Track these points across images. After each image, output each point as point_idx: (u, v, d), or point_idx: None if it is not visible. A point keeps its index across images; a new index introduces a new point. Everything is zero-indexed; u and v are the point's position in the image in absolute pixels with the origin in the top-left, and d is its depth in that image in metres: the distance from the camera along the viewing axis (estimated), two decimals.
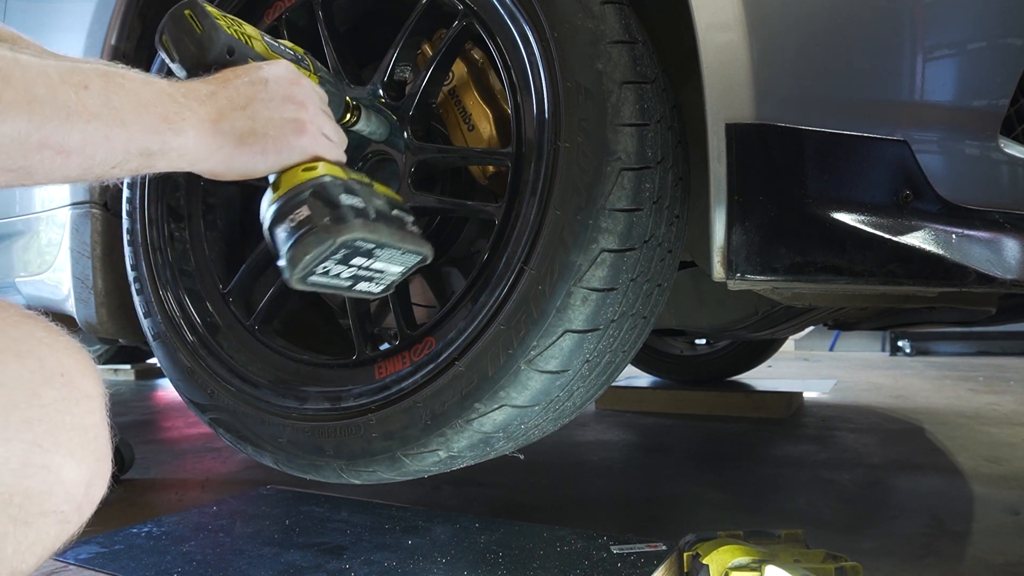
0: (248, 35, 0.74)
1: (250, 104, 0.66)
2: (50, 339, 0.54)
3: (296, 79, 0.70)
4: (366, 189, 0.71)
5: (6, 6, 1.52)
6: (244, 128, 0.65)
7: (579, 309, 0.82)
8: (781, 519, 1.42)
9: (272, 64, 0.70)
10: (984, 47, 0.86)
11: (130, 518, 1.28)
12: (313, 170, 0.67)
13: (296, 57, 0.80)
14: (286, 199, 0.66)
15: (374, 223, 0.68)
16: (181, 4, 0.71)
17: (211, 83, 0.66)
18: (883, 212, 0.83)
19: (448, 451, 0.90)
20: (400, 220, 0.73)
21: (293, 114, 0.68)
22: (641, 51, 0.87)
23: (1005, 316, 1.63)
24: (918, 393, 3.32)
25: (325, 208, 0.65)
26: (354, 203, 0.67)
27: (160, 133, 0.59)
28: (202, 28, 0.69)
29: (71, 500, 0.53)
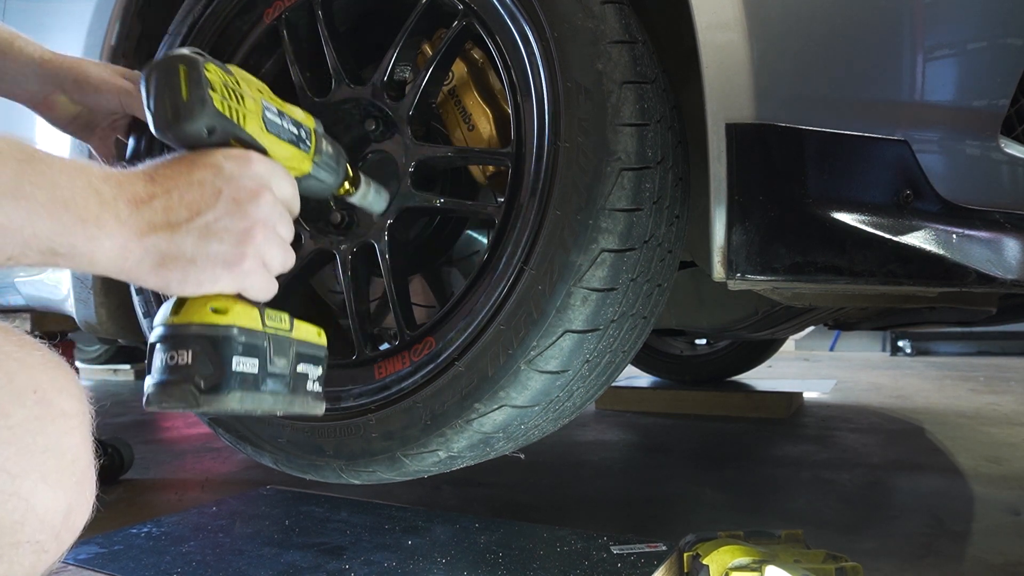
0: (245, 111, 0.64)
1: (189, 221, 0.57)
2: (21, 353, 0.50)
3: (256, 193, 0.61)
4: (276, 342, 0.64)
5: (5, 6, 1.52)
6: (170, 251, 0.57)
7: (579, 309, 0.82)
8: (781, 519, 1.42)
9: (239, 162, 0.61)
10: (984, 47, 0.86)
11: (129, 518, 1.28)
12: (222, 314, 0.60)
13: (297, 137, 0.70)
14: (176, 331, 0.60)
15: (255, 395, 0.62)
16: (181, 55, 0.61)
17: (155, 181, 0.58)
18: (883, 212, 0.83)
19: (448, 451, 0.90)
20: (300, 379, 0.68)
21: (235, 239, 0.59)
22: (641, 51, 0.86)
23: (1005, 316, 1.63)
24: (918, 393, 3.32)
25: (208, 365, 0.59)
26: (244, 369, 0.61)
27: (71, 235, 0.52)
28: (188, 97, 0.60)
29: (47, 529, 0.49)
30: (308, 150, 0.72)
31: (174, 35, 1.13)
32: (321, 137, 0.74)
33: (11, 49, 0.92)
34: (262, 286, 0.63)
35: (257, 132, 0.65)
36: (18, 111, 0.99)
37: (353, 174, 0.82)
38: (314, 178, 0.74)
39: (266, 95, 0.68)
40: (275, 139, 0.67)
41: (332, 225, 1.04)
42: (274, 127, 0.67)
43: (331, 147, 0.75)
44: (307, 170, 0.73)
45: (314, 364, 0.70)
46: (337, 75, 1.03)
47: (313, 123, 0.73)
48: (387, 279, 0.98)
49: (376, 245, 0.99)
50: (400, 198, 0.98)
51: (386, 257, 0.98)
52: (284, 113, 0.69)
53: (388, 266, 0.98)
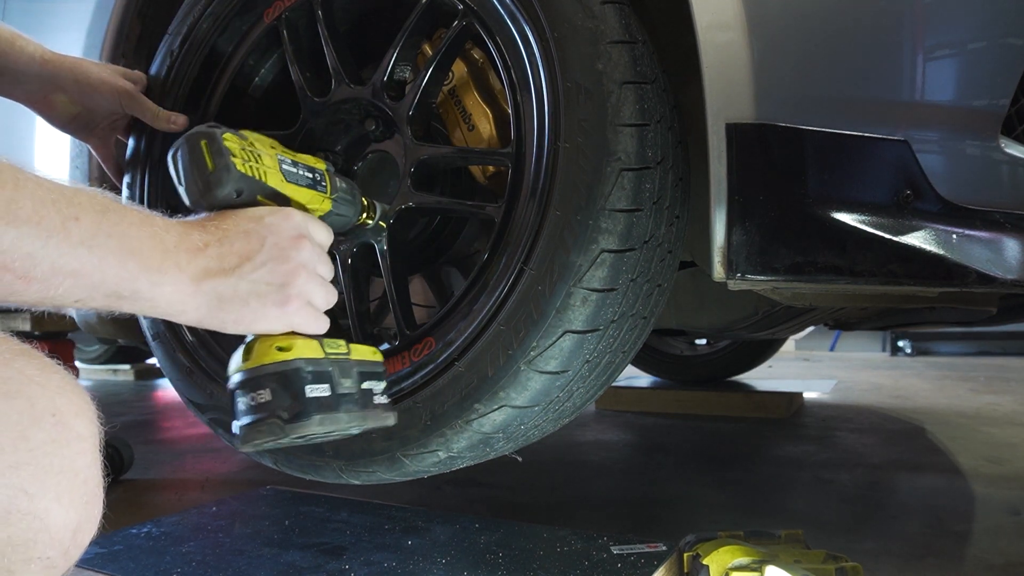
0: (264, 168, 0.70)
1: (240, 265, 0.63)
2: (42, 377, 0.52)
3: (296, 240, 0.67)
4: (339, 366, 0.70)
5: (6, 6, 1.52)
6: (225, 293, 0.63)
7: (579, 309, 0.82)
8: (781, 519, 1.42)
9: (278, 215, 0.68)
10: (984, 47, 0.85)
11: (129, 518, 1.28)
12: (287, 351, 0.66)
13: (313, 180, 0.76)
14: (252, 374, 0.66)
15: (334, 416, 0.68)
16: (199, 132, 0.67)
17: (208, 231, 0.64)
18: (883, 212, 0.82)
19: (448, 451, 0.89)
20: (366, 394, 0.73)
21: (281, 281, 0.65)
22: (641, 51, 0.86)
23: (1005, 316, 1.63)
24: (918, 393, 3.32)
25: (287, 398, 0.65)
26: (318, 394, 0.67)
27: (136, 281, 0.57)
28: (214, 167, 0.66)
29: (57, 546, 0.51)
30: (325, 190, 0.78)
31: (174, 35, 1.13)
32: (334, 176, 0.80)
33: (12, 49, 0.92)
34: (312, 321, 0.70)
35: (279, 184, 0.71)
36: (18, 111, 0.99)
37: (368, 203, 0.89)
38: (335, 214, 0.81)
39: (279, 149, 0.74)
40: (295, 187, 0.73)
41: None
42: (292, 176, 0.73)
43: (344, 183, 0.81)
44: (328, 208, 0.79)
45: (377, 380, 0.76)
46: (337, 75, 1.03)
47: (324, 165, 0.79)
48: (387, 279, 0.98)
49: (376, 245, 0.99)
50: (400, 198, 0.98)
51: (386, 257, 0.98)
52: (298, 162, 0.75)
53: (388, 266, 0.98)
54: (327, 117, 1.05)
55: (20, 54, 0.92)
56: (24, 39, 0.93)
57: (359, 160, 1.08)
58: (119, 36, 1.21)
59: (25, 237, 0.50)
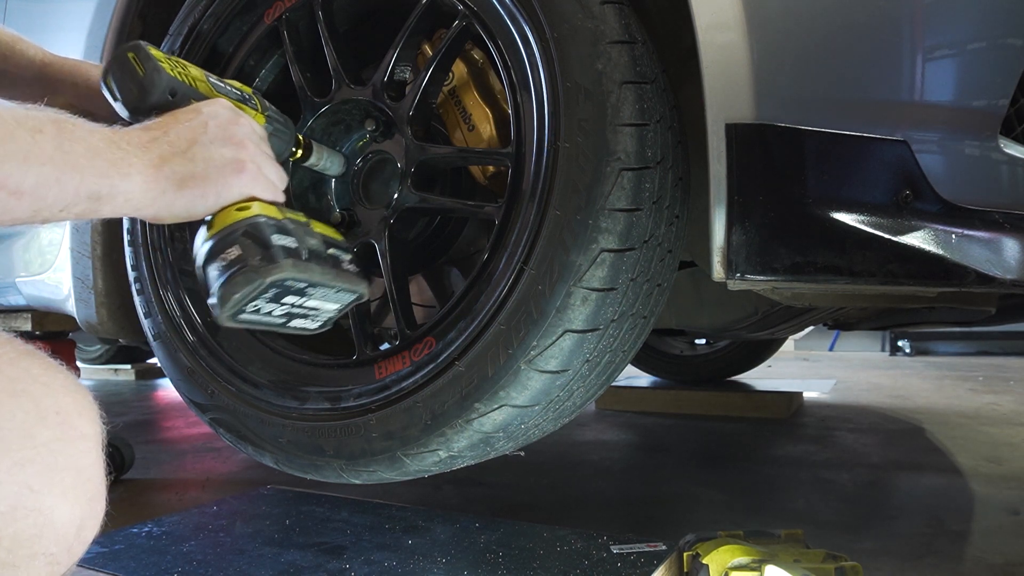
0: (192, 77, 0.75)
1: (190, 148, 0.66)
2: (47, 377, 0.54)
3: (235, 118, 0.71)
4: (301, 228, 0.72)
5: (6, 6, 1.52)
6: (185, 172, 0.66)
7: (579, 309, 0.82)
8: (781, 519, 1.42)
9: (211, 104, 0.71)
10: (984, 47, 0.86)
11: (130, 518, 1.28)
12: (247, 209, 0.68)
13: (242, 97, 0.80)
14: (219, 238, 0.67)
15: (305, 263, 0.69)
16: (124, 47, 0.72)
17: (152, 129, 0.67)
18: (883, 212, 0.83)
19: (448, 451, 0.90)
20: (335, 259, 0.74)
21: (232, 154, 0.68)
22: (641, 51, 0.87)
23: (1005, 316, 1.63)
24: (918, 393, 3.32)
25: (256, 248, 0.66)
26: (286, 243, 0.68)
27: (109, 177, 0.60)
28: (144, 71, 0.70)
29: (61, 542, 0.52)
30: (256, 108, 0.81)
31: (174, 36, 1.13)
32: (263, 98, 0.83)
33: (12, 52, 0.92)
34: (268, 189, 0.72)
35: (208, 92, 0.75)
36: None
37: (304, 140, 0.91)
38: (270, 133, 0.82)
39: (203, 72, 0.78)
40: (226, 97, 0.76)
41: (332, 225, 1.04)
42: (221, 88, 0.77)
43: (274, 111, 0.84)
44: (262, 123, 0.81)
45: (342, 251, 0.77)
46: (337, 76, 1.03)
47: (251, 89, 0.83)
48: (387, 279, 0.98)
49: (376, 245, 0.99)
50: (400, 198, 0.98)
51: (386, 257, 0.98)
52: (225, 80, 0.80)
53: (388, 266, 0.98)
54: (327, 117, 1.05)
55: (20, 57, 0.93)
56: (24, 42, 0.94)
57: (359, 160, 1.08)
58: (120, 37, 1.22)
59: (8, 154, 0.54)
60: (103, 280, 1.28)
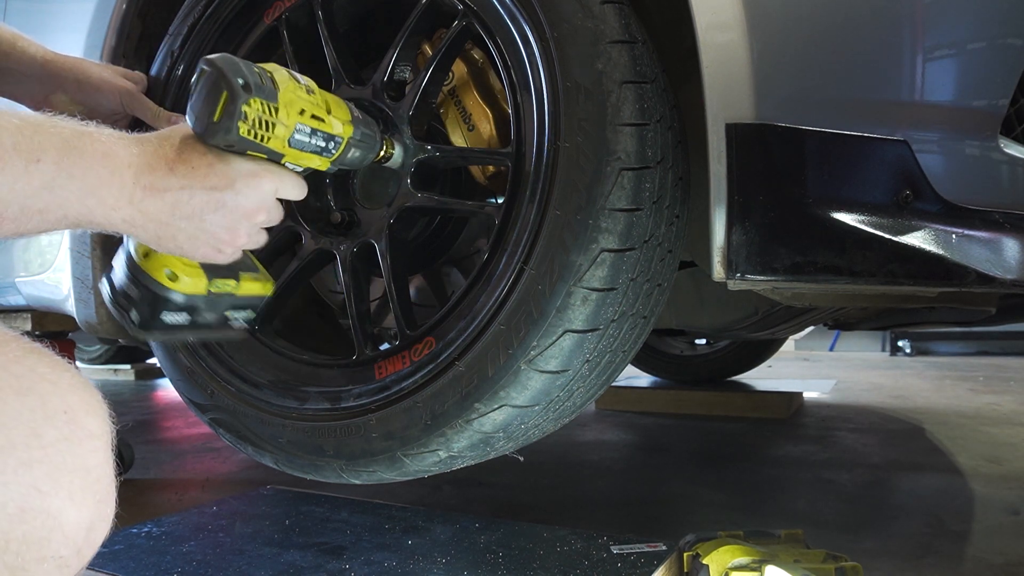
0: (269, 136, 0.70)
1: (191, 217, 0.67)
2: (54, 375, 0.53)
3: (255, 212, 0.71)
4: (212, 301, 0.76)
5: (6, 6, 1.52)
6: (165, 236, 0.67)
7: (579, 309, 0.82)
8: (781, 519, 1.42)
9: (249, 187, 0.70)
10: (984, 47, 0.86)
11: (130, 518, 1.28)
12: (173, 281, 0.72)
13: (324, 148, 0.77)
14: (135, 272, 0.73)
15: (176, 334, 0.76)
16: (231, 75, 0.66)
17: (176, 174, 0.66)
18: (883, 212, 0.83)
19: (448, 451, 0.90)
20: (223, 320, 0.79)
21: (222, 241, 0.70)
22: (641, 51, 0.87)
23: (1005, 316, 1.63)
24: (918, 393, 3.32)
25: (145, 311, 0.73)
26: (172, 321, 0.74)
27: (92, 215, 0.62)
28: (219, 119, 0.67)
29: (71, 544, 0.51)
30: (331, 156, 0.79)
31: (174, 35, 1.13)
32: (351, 147, 0.81)
33: (13, 50, 0.92)
34: (229, 258, 0.73)
35: (278, 147, 0.72)
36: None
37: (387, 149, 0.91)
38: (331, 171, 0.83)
39: (306, 117, 0.74)
40: (296, 151, 0.74)
41: (332, 225, 1.04)
42: (299, 144, 0.74)
43: (358, 151, 0.83)
44: (323, 169, 0.80)
45: (246, 310, 0.81)
46: (337, 75, 1.03)
47: (350, 133, 0.80)
48: (387, 279, 0.98)
49: (376, 245, 0.99)
50: (400, 198, 0.98)
51: (386, 257, 0.98)
52: (318, 131, 0.76)
53: (388, 266, 0.98)
54: None
55: (21, 55, 0.93)
56: (25, 40, 0.94)
57: None
58: (120, 36, 1.21)
59: None
60: None
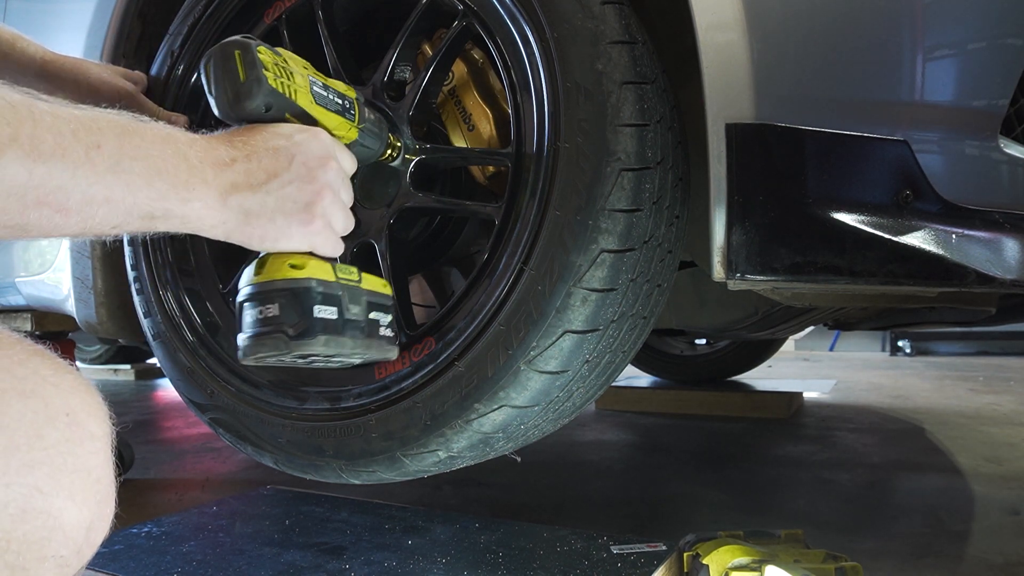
0: (296, 87, 0.70)
1: (267, 182, 0.64)
2: (56, 378, 0.53)
3: (324, 159, 0.68)
4: (349, 292, 0.71)
5: (6, 6, 1.52)
6: (253, 208, 0.64)
7: (579, 309, 0.82)
8: (781, 519, 1.42)
9: (307, 134, 0.68)
10: (984, 47, 0.86)
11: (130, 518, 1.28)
12: (300, 268, 0.67)
13: (342, 107, 0.76)
14: (262, 288, 0.67)
15: (338, 339, 0.69)
16: (235, 41, 0.67)
17: (235, 147, 0.64)
18: (883, 212, 0.83)
19: (448, 451, 0.90)
20: (373, 325, 0.74)
21: (307, 200, 0.66)
22: (641, 51, 0.87)
23: (1005, 316, 1.63)
24: (918, 393, 3.32)
25: (295, 315, 0.66)
26: (326, 315, 0.68)
27: (166, 200, 0.58)
28: (246, 77, 0.66)
29: (71, 544, 0.51)
30: (353, 119, 0.78)
31: (174, 35, 1.13)
32: (363, 106, 0.80)
33: (13, 50, 0.92)
34: (330, 244, 0.71)
35: (308, 105, 0.71)
36: None
37: (393, 139, 0.89)
38: (360, 144, 0.81)
39: (311, 71, 0.74)
40: (324, 111, 0.73)
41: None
42: (322, 99, 0.73)
43: (373, 115, 0.82)
44: (354, 137, 0.79)
45: (384, 312, 0.78)
46: (337, 75, 1.03)
47: (355, 93, 0.79)
48: (387, 279, 0.98)
49: (376, 245, 0.99)
50: (400, 198, 0.98)
51: (386, 257, 0.98)
52: (329, 86, 0.75)
53: (388, 266, 0.98)
54: None
55: (21, 55, 0.93)
56: (25, 40, 0.94)
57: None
58: (120, 37, 1.22)
59: (54, 171, 0.51)
60: (103, 280, 1.28)
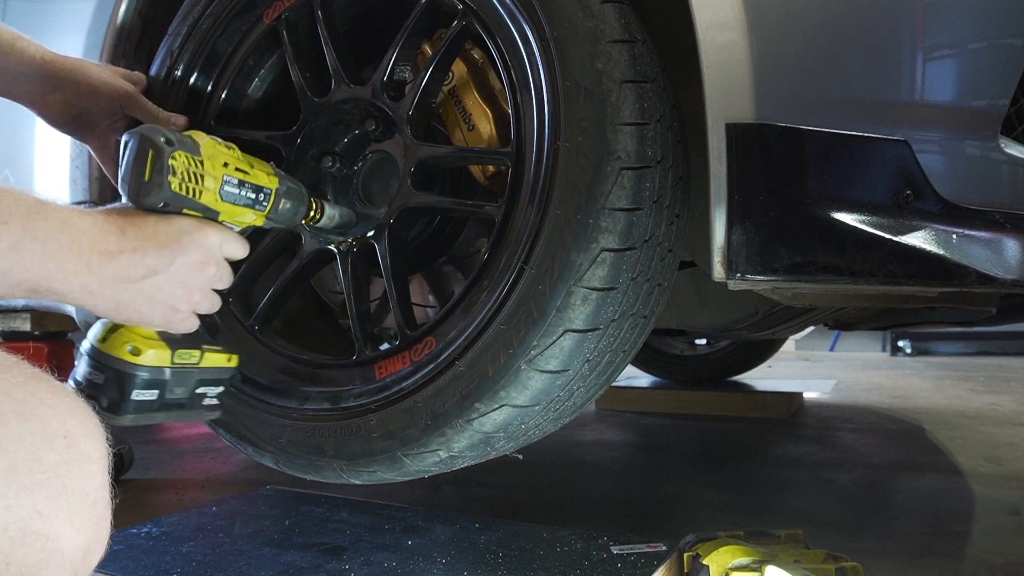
0: (201, 189, 0.74)
1: (144, 278, 0.70)
2: (54, 400, 0.54)
3: (204, 264, 0.74)
4: (180, 375, 0.78)
5: (6, 6, 1.52)
6: (124, 299, 0.69)
7: (579, 309, 0.82)
8: (781, 519, 1.42)
9: (193, 239, 0.73)
10: (984, 47, 0.86)
11: (130, 518, 1.28)
12: (137, 355, 0.74)
13: (255, 200, 0.80)
14: (98, 356, 0.74)
15: (150, 415, 0.76)
16: (154, 141, 0.71)
17: (124, 238, 0.69)
18: (883, 212, 0.83)
19: (448, 451, 0.90)
20: (197, 398, 0.82)
21: (174, 301, 0.73)
22: (641, 50, 0.87)
23: (1005, 316, 1.64)
24: (918, 393, 3.32)
25: (114, 393, 0.73)
26: (144, 399, 0.75)
27: (53, 281, 0.63)
28: (150, 179, 0.71)
29: (68, 566, 0.52)
30: (263, 209, 0.82)
31: (174, 35, 1.13)
32: (280, 197, 0.84)
33: (12, 50, 0.92)
34: (186, 327, 0.78)
35: (212, 203, 0.76)
36: (19, 112, 0.99)
37: (316, 210, 0.92)
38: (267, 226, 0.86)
39: (231, 168, 0.78)
40: (229, 205, 0.78)
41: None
42: (229, 197, 0.78)
43: (289, 202, 0.85)
44: (260, 224, 0.84)
45: (215, 385, 0.84)
46: (337, 75, 1.03)
47: (276, 184, 0.83)
48: (387, 279, 0.98)
49: (376, 245, 0.99)
50: (400, 198, 0.98)
51: (386, 257, 0.98)
52: (245, 183, 0.79)
53: (388, 266, 0.98)
54: (327, 117, 1.05)
55: (20, 55, 0.92)
56: (24, 40, 0.94)
57: (359, 160, 1.08)
58: (119, 37, 1.21)
59: None
60: None
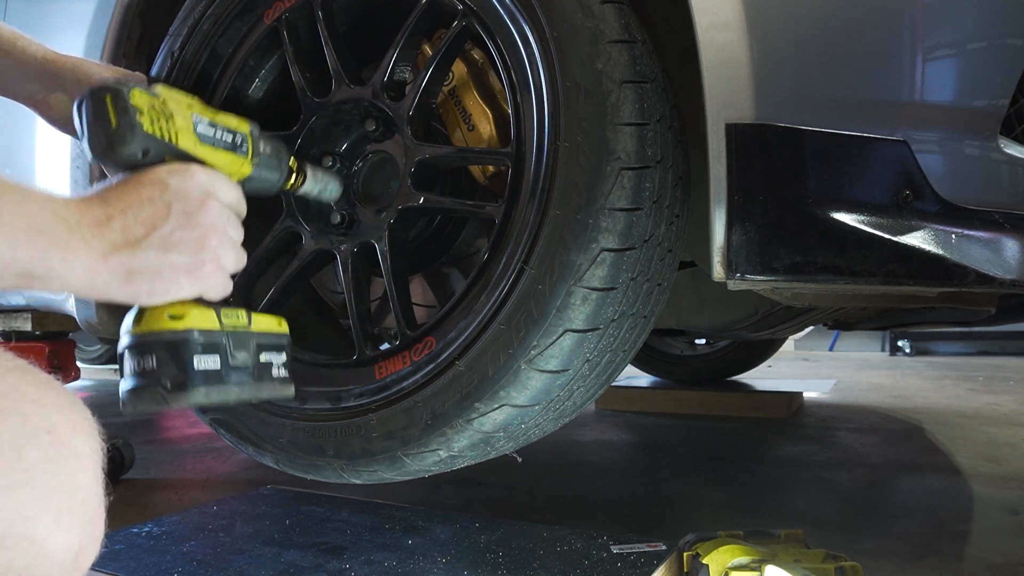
0: (176, 129, 0.67)
1: (147, 236, 0.61)
2: (37, 394, 0.51)
3: (203, 200, 0.65)
4: (235, 337, 0.68)
5: (6, 6, 1.52)
6: (135, 266, 0.60)
7: (579, 308, 0.82)
8: (781, 519, 1.42)
9: (183, 176, 0.65)
10: (984, 47, 0.86)
11: (130, 518, 1.28)
12: (179, 319, 0.64)
13: (233, 143, 0.73)
14: (140, 340, 0.64)
15: (222, 388, 0.67)
16: (104, 87, 0.64)
17: (109, 203, 0.61)
18: (883, 212, 0.83)
19: (449, 451, 0.90)
20: (264, 368, 0.72)
21: (192, 249, 0.63)
22: (641, 50, 0.87)
23: (1005, 316, 1.64)
24: (918, 393, 3.32)
25: (173, 369, 0.64)
26: (207, 367, 0.65)
27: (48, 259, 0.55)
28: (117, 123, 0.63)
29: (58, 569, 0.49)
30: (246, 154, 0.75)
31: (174, 36, 1.13)
32: (258, 140, 0.77)
33: (13, 49, 0.92)
34: (220, 287, 0.68)
35: (191, 146, 0.68)
36: (19, 111, 0.99)
37: (297, 169, 0.85)
38: (256, 179, 0.78)
39: (196, 108, 0.71)
40: (210, 149, 0.71)
41: (332, 225, 1.04)
42: (207, 138, 0.70)
43: (270, 147, 0.78)
44: (248, 172, 0.76)
45: (277, 352, 0.75)
46: (337, 76, 1.03)
47: (248, 127, 0.76)
48: (387, 279, 0.98)
49: (376, 245, 0.99)
50: (400, 198, 0.98)
51: (386, 257, 0.98)
52: (217, 123, 0.72)
53: (388, 266, 0.98)
54: (327, 117, 1.05)
55: (21, 54, 0.93)
56: (25, 39, 0.94)
57: (359, 160, 1.08)
58: (120, 37, 1.22)
59: None
60: None
